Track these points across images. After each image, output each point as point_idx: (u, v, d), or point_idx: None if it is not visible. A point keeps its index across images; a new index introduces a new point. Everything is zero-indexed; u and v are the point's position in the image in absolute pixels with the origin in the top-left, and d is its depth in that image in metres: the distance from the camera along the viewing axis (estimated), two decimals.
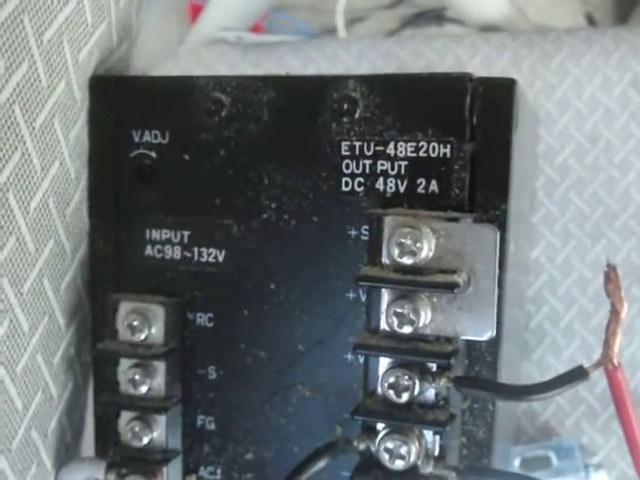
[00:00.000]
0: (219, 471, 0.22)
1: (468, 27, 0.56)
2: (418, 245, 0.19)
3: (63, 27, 0.20)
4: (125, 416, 0.21)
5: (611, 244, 0.41)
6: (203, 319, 0.22)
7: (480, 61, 0.45)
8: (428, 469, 0.19)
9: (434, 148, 0.20)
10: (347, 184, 0.20)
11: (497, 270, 0.19)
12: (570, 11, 0.88)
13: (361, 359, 0.20)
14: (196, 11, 0.73)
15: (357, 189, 0.20)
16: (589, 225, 0.41)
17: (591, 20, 0.87)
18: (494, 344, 0.19)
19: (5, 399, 0.19)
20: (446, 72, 0.20)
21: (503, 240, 0.19)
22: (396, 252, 0.19)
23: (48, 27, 0.19)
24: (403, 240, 0.19)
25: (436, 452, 0.19)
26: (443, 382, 0.19)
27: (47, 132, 0.20)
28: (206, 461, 0.22)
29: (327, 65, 0.46)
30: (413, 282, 0.18)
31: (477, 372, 0.20)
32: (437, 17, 0.78)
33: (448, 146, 0.19)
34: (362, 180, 0.20)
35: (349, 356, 0.21)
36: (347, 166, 0.20)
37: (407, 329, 0.19)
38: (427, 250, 0.19)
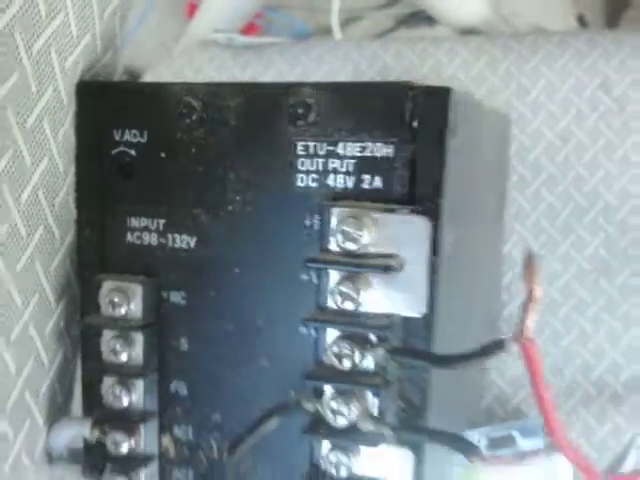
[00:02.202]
0: (190, 430, 0.25)
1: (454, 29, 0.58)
2: (360, 233, 0.22)
3: (51, 39, 0.23)
4: (107, 381, 0.24)
5: (580, 239, 0.44)
6: (177, 297, 0.25)
7: (459, 64, 0.47)
8: (367, 427, 0.22)
9: (379, 148, 0.22)
10: (302, 180, 0.23)
11: (429, 255, 0.21)
12: (561, 12, 0.91)
13: (312, 332, 0.23)
14: (193, 10, 0.75)
15: (311, 184, 0.23)
16: (559, 221, 0.44)
17: (582, 21, 0.89)
18: (428, 319, 0.22)
19: (0, 364, 0.22)
20: (390, 81, 0.23)
21: (438, 230, 0.22)
22: (341, 238, 0.22)
23: (37, 39, 0.22)
24: (347, 228, 0.22)
25: (375, 412, 0.22)
26: (380, 351, 0.22)
27: (37, 132, 0.23)
28: (179, 421, 0.25)
29: (313, 67, 0.49)
30: (354, 264, 0.21)
31: (413, 344, 0.23)
32: (428, 17, 0.81)
33: (391, 147, 0.22)
34: (315, 176, 0.23)
35: (302, 330, 0.23)
36: (302, 164, 0.23)
37: (350, 305, 0.22)
38: (367, 237, 0.22)
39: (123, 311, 0.24)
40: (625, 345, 0.43)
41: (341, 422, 0.22)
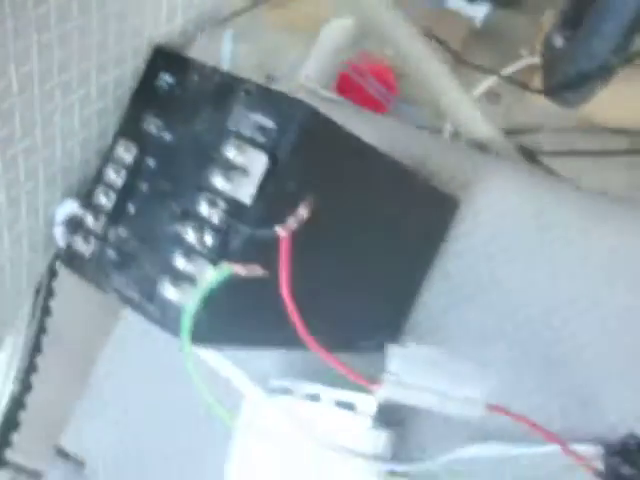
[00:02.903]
0: (126, 232, 0.45)
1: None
2: (242, 155, 0.42)
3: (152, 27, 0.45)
4: (99, 190, 0.46)
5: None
6: (151, 163, 0.46)
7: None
8: (199, 247, 0.41)
9: (267, 123, 0.42)
10: (232, 125, 0.44)
11: (260, 177, 0.41)
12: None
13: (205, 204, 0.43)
14: None
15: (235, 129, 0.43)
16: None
17: None
18: (252, 207, 0.41)
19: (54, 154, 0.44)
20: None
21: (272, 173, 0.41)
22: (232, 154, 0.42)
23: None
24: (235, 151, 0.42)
25: (208, 242, 0.41)
26: (222, 215, 0.41)
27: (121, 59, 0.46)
28: (124, 224, 0.45)
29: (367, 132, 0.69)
30: (229, 167, 0.41)
31: (242, 217, 0.41)
32: None
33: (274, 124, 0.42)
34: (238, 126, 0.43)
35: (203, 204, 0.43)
36: (234, 123, 0.43)
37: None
38: (241, 157, 0.42)
39: (128, 162, 0.46)
40: None
41: (190, 240, 0.42)
